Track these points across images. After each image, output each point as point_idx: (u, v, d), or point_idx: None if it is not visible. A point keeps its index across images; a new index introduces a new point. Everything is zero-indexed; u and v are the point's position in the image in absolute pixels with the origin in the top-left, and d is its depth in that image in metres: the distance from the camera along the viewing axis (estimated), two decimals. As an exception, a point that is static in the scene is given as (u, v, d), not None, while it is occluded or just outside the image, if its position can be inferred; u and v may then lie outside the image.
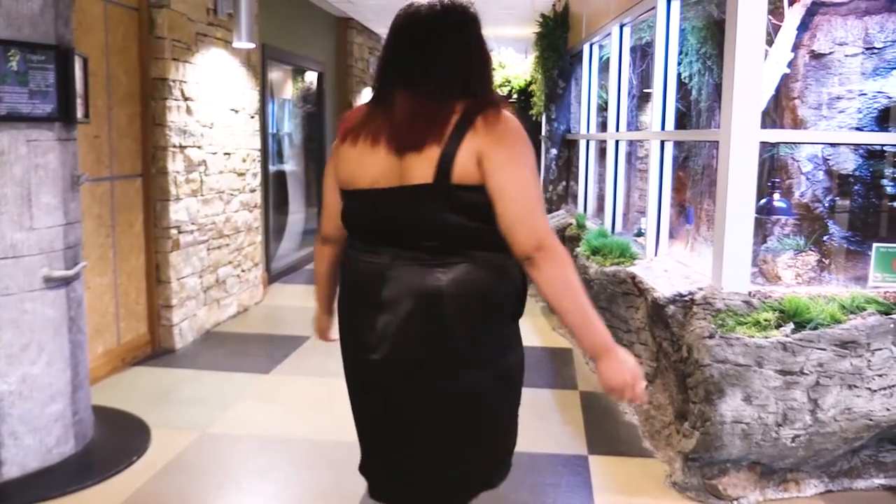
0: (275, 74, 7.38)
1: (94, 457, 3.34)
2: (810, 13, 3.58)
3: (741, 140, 3.03)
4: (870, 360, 2.83)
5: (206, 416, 3.84)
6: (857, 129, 3.55)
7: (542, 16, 7.15)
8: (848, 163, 3.64)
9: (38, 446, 3.16)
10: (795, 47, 3.59)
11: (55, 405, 3.22)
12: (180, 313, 5.04)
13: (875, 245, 3.23)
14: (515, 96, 9.34)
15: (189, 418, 3.82)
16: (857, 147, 3.59)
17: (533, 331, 5.64)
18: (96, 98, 4.27)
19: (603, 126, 5.80)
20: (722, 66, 3.20)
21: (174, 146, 4.92)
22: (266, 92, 6.82)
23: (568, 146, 6.98)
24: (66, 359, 3.27)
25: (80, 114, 3.39)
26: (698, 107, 4.32)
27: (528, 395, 4.18)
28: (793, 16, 3.57)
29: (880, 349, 2.83)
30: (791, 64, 3.61)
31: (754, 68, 3.01)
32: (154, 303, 4.94)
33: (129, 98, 4.69)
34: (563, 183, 7.04)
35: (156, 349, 4.95)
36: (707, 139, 4.11)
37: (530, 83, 8.44)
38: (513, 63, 9.67)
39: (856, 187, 3.67)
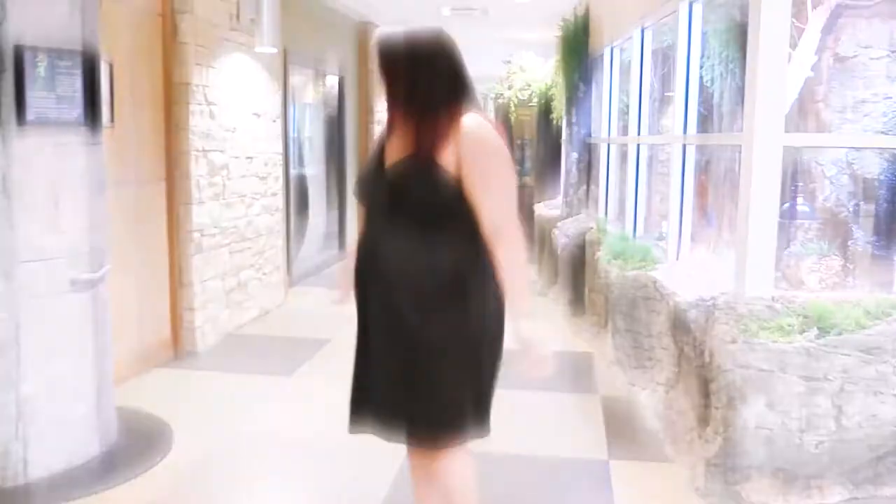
0: (296, 78, 7.42)
1: (117, 458, 3.38)
2: (834, 16, 3.55)
3: (764, 144, 3.00)
4: (895, 367, 2.80)
5: (229, 418, 3.87)
6: (882, 132, 3.51)
7: (563, 20, 7.13)
8: (873, 166, 3.60)
9: (62, 447, 3.20)
10: (819, 50, 3.56)
11: (80, 406, 3.26)
12: (202, 316, 5.08)
13: (901, 250, 3.20)
14: (536, 100, 9.33)
15: (211, 420, 3.85)
16: (882, 151, 3.55)
17: (553, 335, 5.62)
18: (121, 103, 4.31)
19: (624, 130, 5.78)
20: (744, 69, 3.18)
21: (197, 150, 4.96)
22: (287, 96, 6.86)
23: (589, 150, 6.95)
24: (91, 361, 3.31)
25: (105, 118, 3.43)
26: (720, 110, 4.29)
27: (547, 399, 4.22)
28: (817, 18, 3.54)
29: (906, 355, 2.79)
30: (815, 67, 3.58)
31: (778, 71, 2.99)
32: (177, 305, 4.98)
33: (152, 103, 4.74)
34: (584, 187, 7.01)
35: (178, 351, 4.99)
36: (730, 143, 4.09)
37: (551, 87, 8.42)
38: (533, 67, 9.66)
39: (881, 191, 3.63)
